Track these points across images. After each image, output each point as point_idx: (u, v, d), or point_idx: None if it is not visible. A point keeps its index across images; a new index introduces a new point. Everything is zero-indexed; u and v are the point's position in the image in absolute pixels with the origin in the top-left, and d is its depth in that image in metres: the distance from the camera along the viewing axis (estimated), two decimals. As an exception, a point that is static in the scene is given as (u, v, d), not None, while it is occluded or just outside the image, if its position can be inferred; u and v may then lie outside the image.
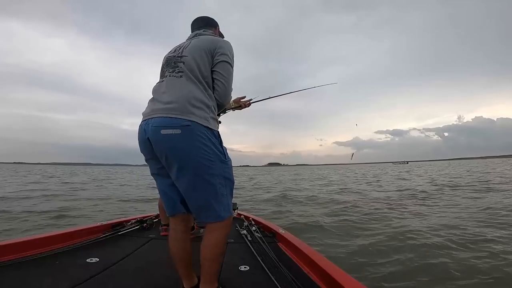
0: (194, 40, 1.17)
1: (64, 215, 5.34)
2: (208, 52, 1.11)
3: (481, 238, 3.33)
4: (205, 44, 1.13)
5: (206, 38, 1.18)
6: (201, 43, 1.14)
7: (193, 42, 1.15)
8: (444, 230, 3.75)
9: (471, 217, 4.56)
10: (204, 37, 1.20)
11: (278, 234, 2.03)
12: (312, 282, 1.30)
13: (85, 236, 1.98)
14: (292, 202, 7.43)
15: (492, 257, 2.72)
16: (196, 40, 1.17)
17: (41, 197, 8.17)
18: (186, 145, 0.98)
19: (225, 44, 1.16)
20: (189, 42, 1.17)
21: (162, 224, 2.14)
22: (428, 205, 6.19)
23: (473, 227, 3.90)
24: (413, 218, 4.71)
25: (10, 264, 1.44)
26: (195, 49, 1.11)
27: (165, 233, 2.05)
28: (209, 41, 1.15)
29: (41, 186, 12.45)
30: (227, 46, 1.16)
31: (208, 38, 1.17)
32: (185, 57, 1.10)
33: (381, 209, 5.75)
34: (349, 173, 29.23)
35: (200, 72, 1.08)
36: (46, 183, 14.21)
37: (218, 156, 1.05)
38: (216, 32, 1.34)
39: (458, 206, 5.84)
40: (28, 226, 4.38)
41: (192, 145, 0.98)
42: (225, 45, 1.16)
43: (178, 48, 1.18)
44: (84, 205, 6.77)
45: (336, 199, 7.56)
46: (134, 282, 1.35)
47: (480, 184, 10.41)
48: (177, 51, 1.15)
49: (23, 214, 5.33)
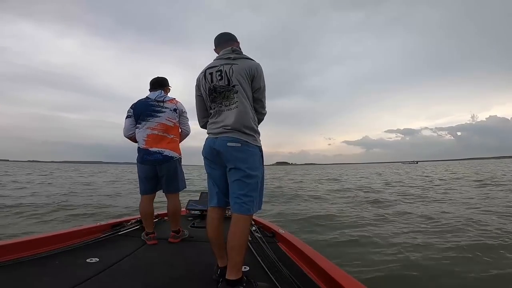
0: (235, 67, 1.31)
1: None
2: (249, 77, 1.32)
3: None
4: (246, 69, 1.31)
5: (245, 63, 1.33)
6: (242, 68, 1.31)
7: (235, 68, 1.30)
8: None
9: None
10: (243, 61, 1.34)
11: (278, 234, 2.03)
12: (312, 282, 1.30)
13: (85, 236, 1.98)
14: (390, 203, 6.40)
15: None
16: (237, 66, 1.31)
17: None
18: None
19: (259, 68, 1.36)
20: (230, 67, 1.31)
21: (148, 232, 2.02)
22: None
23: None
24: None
25: (10, 264, 1.44)
26: (241, 76, 1.29)
27: (153, 242, 1.97)
28: (248, 66, 1.32)
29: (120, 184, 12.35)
30: (260, 69, 1.36)
31: (247, 64, 1.34)
32: (237, 86, 1.29)
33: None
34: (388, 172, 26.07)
35: (249, 99, 1.32)
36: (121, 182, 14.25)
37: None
38: (238, 46, 1.48)
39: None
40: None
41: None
42: (259, 69, 1.36)
43: (218, 72, 1.32)
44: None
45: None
46: (134, 282, 1.35)
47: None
48: (224, 78, 1.30)
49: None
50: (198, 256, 1.75)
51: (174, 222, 2.07)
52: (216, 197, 1.38)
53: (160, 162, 1.99)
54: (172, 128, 2.08)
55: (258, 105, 1.38)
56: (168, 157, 2.01)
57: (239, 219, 1.24)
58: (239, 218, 1.24)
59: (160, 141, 2.02)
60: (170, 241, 2.01)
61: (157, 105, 2.04)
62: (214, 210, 1.39)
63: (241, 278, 1.21)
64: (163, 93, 2.10)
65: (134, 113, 2.04)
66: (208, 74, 1.35)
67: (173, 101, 2.11)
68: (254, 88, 1.34)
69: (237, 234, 1.22)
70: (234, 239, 1.22)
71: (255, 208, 1.28)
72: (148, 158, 1.99)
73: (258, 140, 1.34)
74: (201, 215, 2.85)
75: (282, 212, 5.75)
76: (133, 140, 2.10)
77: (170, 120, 2.06)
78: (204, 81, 1.37)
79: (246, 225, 1.25)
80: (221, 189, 1.36)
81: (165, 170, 2.02)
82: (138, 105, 2.05)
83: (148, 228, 2.03)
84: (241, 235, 1.23)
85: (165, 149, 2.01)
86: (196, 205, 2.97)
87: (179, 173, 2.09)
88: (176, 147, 2.10)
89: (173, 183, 2.07)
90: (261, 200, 1.34)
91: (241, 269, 1.23)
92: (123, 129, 2.10)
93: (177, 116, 2.12)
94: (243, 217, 1.24)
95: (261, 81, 1.35)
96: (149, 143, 2.00)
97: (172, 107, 2.08)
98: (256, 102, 1.37)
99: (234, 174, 1.27)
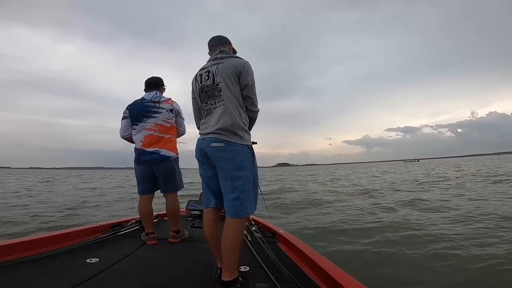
0: (221, 65, 1.30)
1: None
2: (235, 74, 1.29)
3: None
4: (232, 67, 1.29)
5: (231, 62, 1.32)
6: (227, 67, 1.29)
7: (220, 67, 1.30)
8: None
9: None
10: (229, 60, 1.33)
11: (278, 234, 2.03)
12: (312, 282, 1.30)
13: (85, 237, 1.98)
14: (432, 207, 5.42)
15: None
16: (222, 65, 1.30)
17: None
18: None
19: (246, 65, 1.33)
20: (216, 66, 1.31)
21: (148, 233, 2.01)
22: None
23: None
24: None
25: (10, 264, 1.44)
26: (225, 74, 1.28)
27: (153, 242, 1.96)
28: (233, 64, 1.30)
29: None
30: (247, 66, 1.33)
31: (233, 62, 1.32)
32: (221, 83, 1.28)
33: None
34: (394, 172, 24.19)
35: (234, 97, 1.29)
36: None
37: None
38: (230, 49, 1.48)
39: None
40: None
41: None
42: (246, 65, 1.33)
43: (207, 73, 1.33)
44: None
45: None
46: (134, 282, 1.35)
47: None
48: (210, 78, 1.31)
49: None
50: (198, 256, 1.75)
51: (174, 222, 2.07)
52: (209, 199, 1.39)
53: (157, 162, 1.99)
54: (169, 128, 2.08)
55: (248, 102, 1.34)
56: (165, 156, 2.01)
57: (230, 222, 1.24)
58: (230, 221, 1.24)
59: (157, 141, 2.01)
60: (170, 241, 2.01)
61: (153, 106, 2.03)
62: (209, 211, 1.40)
63: (235, 279, 1.22)
64: (158, 93, 2.09)
65: (130, 114, 2.04)
66: (199, 76, 1.37)
67: (169, 101, 2.10)
68: (242, 85, 1.31)
69: (228, 237, 1.23)
70: (225, 241, 1.23)
71: (246, 210, 1.25)
72: (144, 158, 1.99)
73: (245, 138, 1.30)
74: (201, 215, 2.85)
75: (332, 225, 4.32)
76: (130, 141, 2.10)
77: (166, 120, 2.06)
78: (195, 83, 1.39)
79: (237, 228, 1.24)
80: (213, 190, 1.36)
81: (162, 169, 2.01)
82: (134, 106, 2.04)
83: (147, 228, 2.03)
84: (232, 238, 1.23)
85: (161, 149, 2.01)
86: (196, 205, 2.98)
87: (176, 173, 2.09)
88: (173, 147, 2.10)
89: (171, 182, 2.07)
90: (254, 202, 1.32)
91: (235, 270, 1.24)
92: (120, 130, 2.10)
93: (174, 116, 2.11)
94: (233, 221, 1.23)
95: (249, 78, 1.31)
96: (146, 144, 1.99)
97: (168, 108, 2.07)
98: (246, 99, 1.34)
99: (221, 175, 1.27)
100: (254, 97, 1.36)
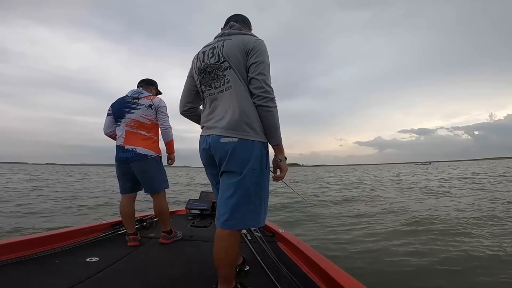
0: (228, 41, 1.11)
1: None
2: (244, 51, 1.08)
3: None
4: (240, 43, 1.09)
5: (239, 38, 1.12)
6: (235, 43, 1.10)
7: (226, 43, 1.10)
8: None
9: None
10: (238, 36, 1.13)
11: (278, 234, 2.03)
12: (311, 282, 1.30)
13: (85, 236, 1.98)
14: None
15: None
16: (229, 41, 1.11)
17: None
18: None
19: (258, 42, 1.11)
20: (222, 42, 1.11)
21: (129, 233, 1.95)
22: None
23: None
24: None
25: (10, 263, 1.44)
26: (232, 51, 1.08)
27: (133, 243, 1.89)
28: (242, 40, 1.10)
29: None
30: (260, 43, 1.11)
31: (242, 38, 1.12)
32: (227, 61, 1.08)
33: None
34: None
35: (244, 79, 1.07)
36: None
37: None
38: (249, 30, 1.26)
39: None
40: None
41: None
42: (259, 42, 1.11)
43: (211, 50, 1.13)
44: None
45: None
46: (134, 281, 1.35)
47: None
48: (215, 55, 1.11)
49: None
50: (197, 255, 1.75)
51: (162, 223, 2.02)
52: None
53: (132, 160, 1.93)
54: (148, 125, 2.00)
55: (257, 85, 1.04)
56: (141, 155, 1.93)
57: (223, 235, 1.04)
58: (222, 234, 1.04)
59: (134, 138, 1.96)
60: (161, 242, 1.97)
61: (131, 102, 1.99)
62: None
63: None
64: (141, 90, 2.05)
65: (113, 111, 2.02)
66: (201, 53, 1.16)
67: (149, 98, 2.04)
68: (250, 63, 1.06)
69: (222, 253, 1.04)
70: (217, 257, 1.05)
71: (248, 221, 1.06)
72: (121, 156, 1.95)
73: (260, 133, 1.06)
74: (201, 214, 2.85)
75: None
76: (114, 138, 2.06)
77: (144, 117, 1.99)
78: (196, 61, 1.18)
79: (231, 244, 1.04)
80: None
81: (139, 169, 1.93)
82: (116, 103, 2.02)
83: (128, 229, 1.96)
84: (226, 255, 1.04)
85: (138, 147, 1.94)
86: (196, 204, 2.98)
87: (155, 173, 1.99)
88: (152, 145, 2.00)
89: (149, 182, 1.98)
90: (262, 213, 1.10)
91: (232, 282, 1.11)
92: (103, 127, 2.07)
93: (154, 112, 2.02)
94: (227, 233, 1.04)
95: (260, 55, 1.06)
96: (125, 141, 1.95)
97: (147, 104, 2.00)
98: (253, 82, 1.05)
99: (224, 178, 1.09)
100: (268, 77, 1.06)
